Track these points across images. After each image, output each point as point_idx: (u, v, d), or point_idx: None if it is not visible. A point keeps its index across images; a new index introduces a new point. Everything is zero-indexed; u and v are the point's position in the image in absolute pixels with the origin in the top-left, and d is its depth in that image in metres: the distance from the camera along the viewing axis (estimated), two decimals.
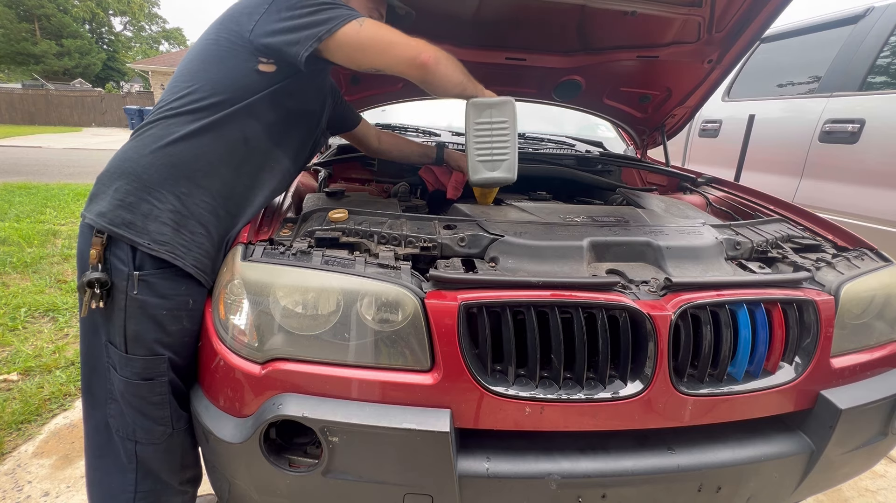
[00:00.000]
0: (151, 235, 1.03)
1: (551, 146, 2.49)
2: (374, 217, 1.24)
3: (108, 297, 1.03)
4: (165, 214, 1.05)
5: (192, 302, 1.09)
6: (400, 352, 0.98)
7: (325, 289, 0.99)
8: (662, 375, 1.00)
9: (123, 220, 1.03)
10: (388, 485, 0.98)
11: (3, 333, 2.72)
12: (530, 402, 0.98)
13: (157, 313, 1.05)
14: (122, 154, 1.10)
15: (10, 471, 1.78)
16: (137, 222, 1.03)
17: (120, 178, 1.06)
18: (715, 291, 1.06)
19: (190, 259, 1.07)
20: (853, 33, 2.92)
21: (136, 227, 1.03)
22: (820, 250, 1.37)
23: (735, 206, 1.82)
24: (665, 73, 2.11)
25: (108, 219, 1.03)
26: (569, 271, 1.12)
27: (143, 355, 1.06)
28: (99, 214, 1.03)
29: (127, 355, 1.06)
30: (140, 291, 1.03)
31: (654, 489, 1.03)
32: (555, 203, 1.74)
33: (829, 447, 1.08)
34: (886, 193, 2.50)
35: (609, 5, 1.66)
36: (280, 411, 0.93)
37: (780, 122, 3.22)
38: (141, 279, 1.03)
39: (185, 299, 1.08)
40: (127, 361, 1.06)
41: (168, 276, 1.05)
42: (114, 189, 1.05)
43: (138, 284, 1.03)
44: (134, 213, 1.03)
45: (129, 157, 1.08)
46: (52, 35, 33.13)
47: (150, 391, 1.08)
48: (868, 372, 1.17)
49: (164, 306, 1.05)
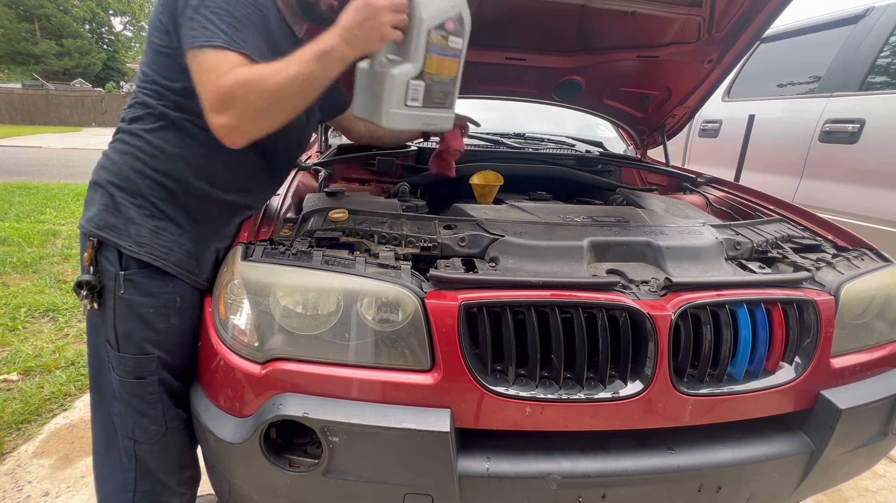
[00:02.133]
0: (133, 238, 1.05)
1: (551, 146, 2.49)
2: (374, 217, 1.24)
3: (100, 299, 1.06)
4: (144, 218, 1.06)
5: (180, 300, 1.10)
6: (400, 352, 0.98)
7: (325, 289, 0.99)
8: (662, 375, 1.00)
9: (108, 223, 1.05)
10: (388, 485, 0.98)
11: (3, 333, 2.72)
12: (530, 402, 0.98)
13: (145, 311, 1.06)
14: (103, 158, 1.11)
15: (10, 471, 1.78)
16: (120, 225, 1.05)
17: (105, 182, 1.08)
18: (715, 291, 1.06)
19: (172, 259, 1.08)
20: (853, 33, 2.92)
21: (119, 230, 1.05)
22: (820, 250, 1.37)
23: (735, 206, 1.82)
24: (665, 73, 2.11)
25: (94, 223, 1.06)
26: (569, 271, 1.12)
27: (134, 354, 1.07)
28: (88, 220, 1.07)
29: (120, 354, 1.07)
30: (126, 291, 1.05)
31: (654, 489, 1.03)
32: (555, 203, 1.74)
33: (829, 447, 1.08)
34: (886, 193, 2.50)
35: (609, 5, 1.66)
36: (280, 411, 0.93)
37: (780, 122, 3.22)
38: (126, 279, 1.05)
39: (172, 297, 1.09)
40: (120, 360, 1.08)
41: (153, 275, 1.07)
42: (100, 194, 1.08)
43: (124, 284, 1.05)
44: (117, 217, 1.05)
45: (112, 161, 1.09)
46: (52, 35, 33.10)
47: (143, 389, 1.09)
48: (868, 372, 1.17)
49: (151, 304, 1.07)
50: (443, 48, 1.02)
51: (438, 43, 1.01)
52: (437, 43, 1.01)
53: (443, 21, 1.00)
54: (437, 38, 1.01)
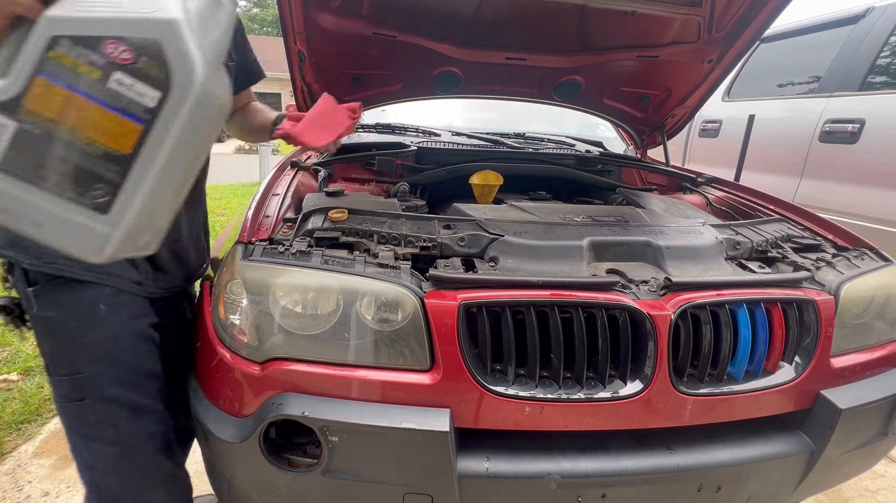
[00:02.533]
0: (32, 251, 0.93)
1: (551, 146, 2.49)
2: (374, 217, 1.24)
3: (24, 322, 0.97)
4: None
5: (104, 306, 0.98)
6: (399, 352, 0.98)
7: (324, 289, 0.99)
8: (662, 375, 1.00)
9: (7, 240, 0.95)
10: (387, 485, 0.98)
11: (3, 333, 2.72)
12: (530, 402, 0.98)
13: (65, 327, 0.96)
14: None
15: (10, 471, 1.78)
16: (18, 240, 0.93)
17: None
18: (715, 291, 1.06)
19: (79, 264, 0.93)
20: (853, 33, 2.92)
21: (18, 246, 0.94)
22: (820, 250, 1.37)
23: (735, 206, 1.82)
24: (665, 73, 2.11)
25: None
26: (569, 271, 1.12)
27: (66, 375, 0.97)
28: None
29: (53, 377, 0.98)
30: (40, 308, 0.95)
31: (653, 489, 1.03)
32: (555, 203, 1.74)
33: (829, 447, 1.08)
34: (886, 193, 2.50)
35: (609, 5, 1.66)
36: (280, 411, 0.93)
37: (780, 122, 3.22)
38: (37, 295, 0.94)
39: (94, 305, 0.97)
40: (56, 384, 0.98)
41: (64, 287, 0.95)
42: None
43: (36, 301, 0.95)
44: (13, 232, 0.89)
45: None
46: None
47: (86, 411, 0.98)
48: (868, 372, 1.17)
49: (70, 318, 0.96)
50: (87, 84, 0.58)
51: (73, 69, 0.57)
52: (70, 68, 0.57)
53: (100, 37, 0.57)
54: (75, 62, 0.57)
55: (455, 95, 2.31)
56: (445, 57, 1.93)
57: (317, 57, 1.78)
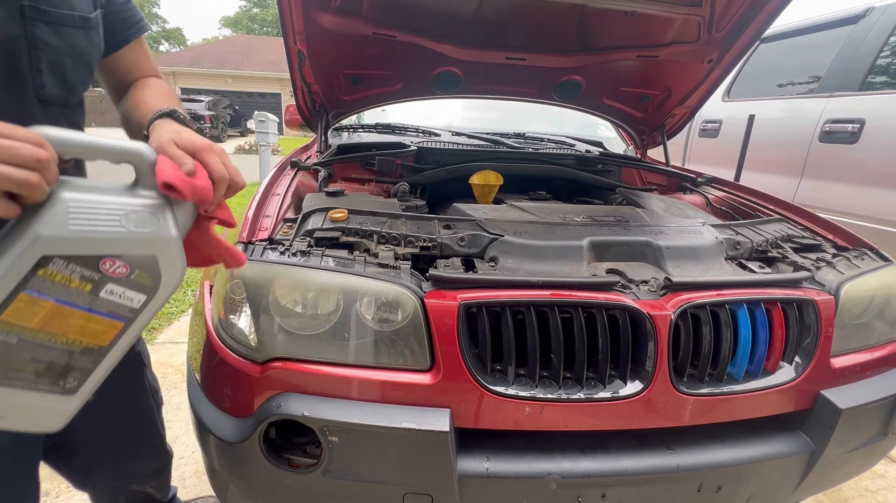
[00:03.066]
0: None
1: (551, 146, 2.49)
2: (374, 217, 1.24)
3: None
4: None
5: None
6: (399, 352, 0.98)
7: (324, 289, 0.99)
8: (662, 375, 1.00)
9: None
10: (387, 485, 0.98)
11: None
12: (530, 402, 0.98)
13: None
14: None
15: None
16: None
17: None
18: (715, 291, 1.06)
19: None
20: (853, 33, 2.92)
21: None
22: (820, 250, 1.37)
23: (735, 206, 1.82)
24: (665, 73, 2.11)
25: None
26: (568, 271, 1.12)
27: None
28: None
29: None
30: None
31: (653, 489, 1.03)
32: (555, 203, 1.74)
33: (829, 447, 1.07)
34: (886, 193, 2.50)
35: (609, 5, 1.66)
36: (280, 411, 0.93)
37: (780, 122, 3.22)
38: None
39: None
40: None
41: None
42: None
43: None
44: None
45: None
46: None
47: None
48: (868, 372, 1.17)
49: None
50: (77, 296, 0.56)
51: (65, 285, 0.55)
52: (61, 283, 0.55)
53: (95, 255, 0.56)
54: (68, 278, 0.55)
55: (455, 95, 2.31)
56: (445, 57, 1.93)
57: (317, 57, 1.78)
